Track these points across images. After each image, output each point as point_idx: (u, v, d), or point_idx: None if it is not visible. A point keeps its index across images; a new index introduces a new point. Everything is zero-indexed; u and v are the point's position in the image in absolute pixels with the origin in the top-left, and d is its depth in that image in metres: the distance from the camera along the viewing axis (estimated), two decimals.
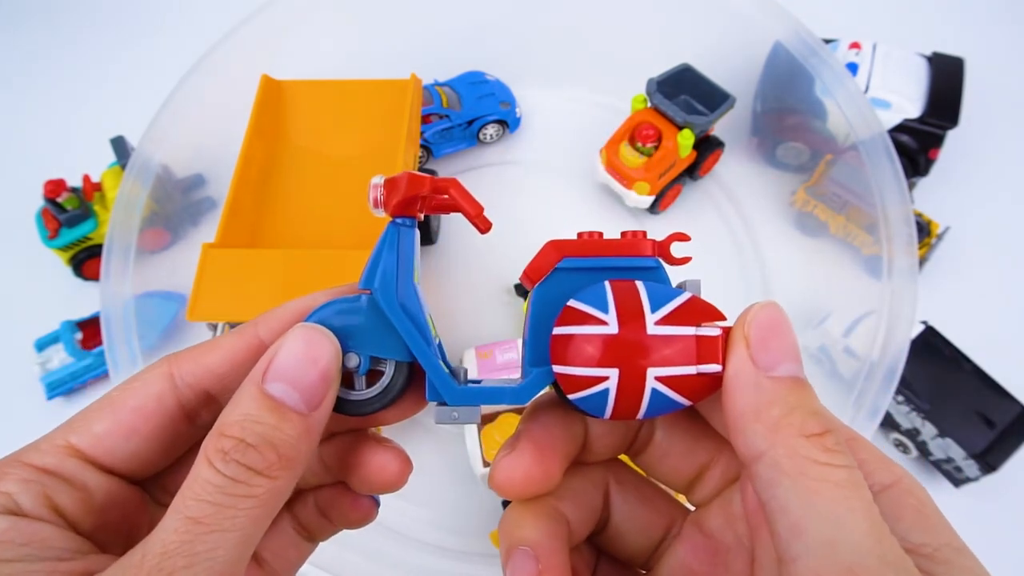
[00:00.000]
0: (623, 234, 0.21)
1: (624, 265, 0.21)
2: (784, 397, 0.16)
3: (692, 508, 0.23)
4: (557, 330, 0.19)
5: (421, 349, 0.21)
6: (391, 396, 0.21)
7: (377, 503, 0.25)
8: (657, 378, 0.18)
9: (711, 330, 0.18)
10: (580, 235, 0.22)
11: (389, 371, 0.21)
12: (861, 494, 0.15)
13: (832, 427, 0.16)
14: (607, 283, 0.20)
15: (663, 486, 0.24)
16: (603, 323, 0.19)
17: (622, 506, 0.23)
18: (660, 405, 0.19)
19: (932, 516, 0.17)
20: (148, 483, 0.22)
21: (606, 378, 0.18)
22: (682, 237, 0.21)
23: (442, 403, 0.21)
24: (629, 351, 0.18)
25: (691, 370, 0.18)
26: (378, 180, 0.22)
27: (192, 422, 0.21)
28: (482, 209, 0.21)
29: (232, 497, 0.17)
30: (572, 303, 0.19)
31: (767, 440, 0.16)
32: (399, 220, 0.22)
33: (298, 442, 0.18)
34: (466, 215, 0.21)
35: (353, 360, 0.21)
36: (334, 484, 0.24)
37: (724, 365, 0.18)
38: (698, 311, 0.19)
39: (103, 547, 0.19)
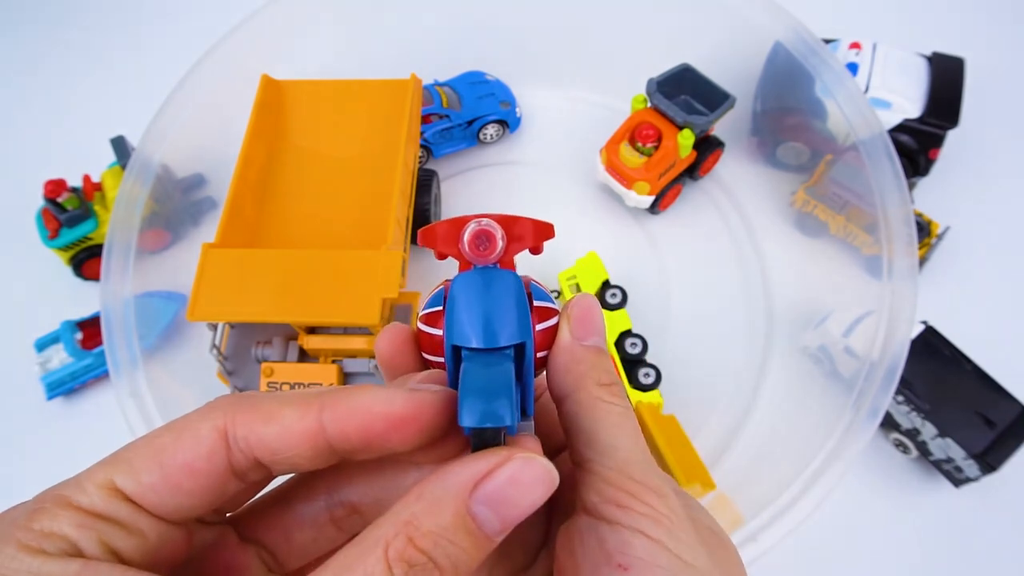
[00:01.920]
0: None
1: None
2: (589, 359, 0.22)
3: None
4: (540, 326, 0.22)
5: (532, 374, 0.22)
6: None
7: None
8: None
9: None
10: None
11: None
12: (632, 423, 0.21)
13: (617, 381, 0.22)
14: (531, 280, 0.23)
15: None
16: (556, 311, 0.23)
17: None
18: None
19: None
20: None
21: None
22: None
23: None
24: None
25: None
26: (493, 227, 0.20)
27: (240, 479, 0.20)
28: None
29: None
30: (540, 303, 0.23)
31: (573, 385, 0.22)
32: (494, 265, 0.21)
33: (476, 563, 0.18)
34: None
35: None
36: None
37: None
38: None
39: None
